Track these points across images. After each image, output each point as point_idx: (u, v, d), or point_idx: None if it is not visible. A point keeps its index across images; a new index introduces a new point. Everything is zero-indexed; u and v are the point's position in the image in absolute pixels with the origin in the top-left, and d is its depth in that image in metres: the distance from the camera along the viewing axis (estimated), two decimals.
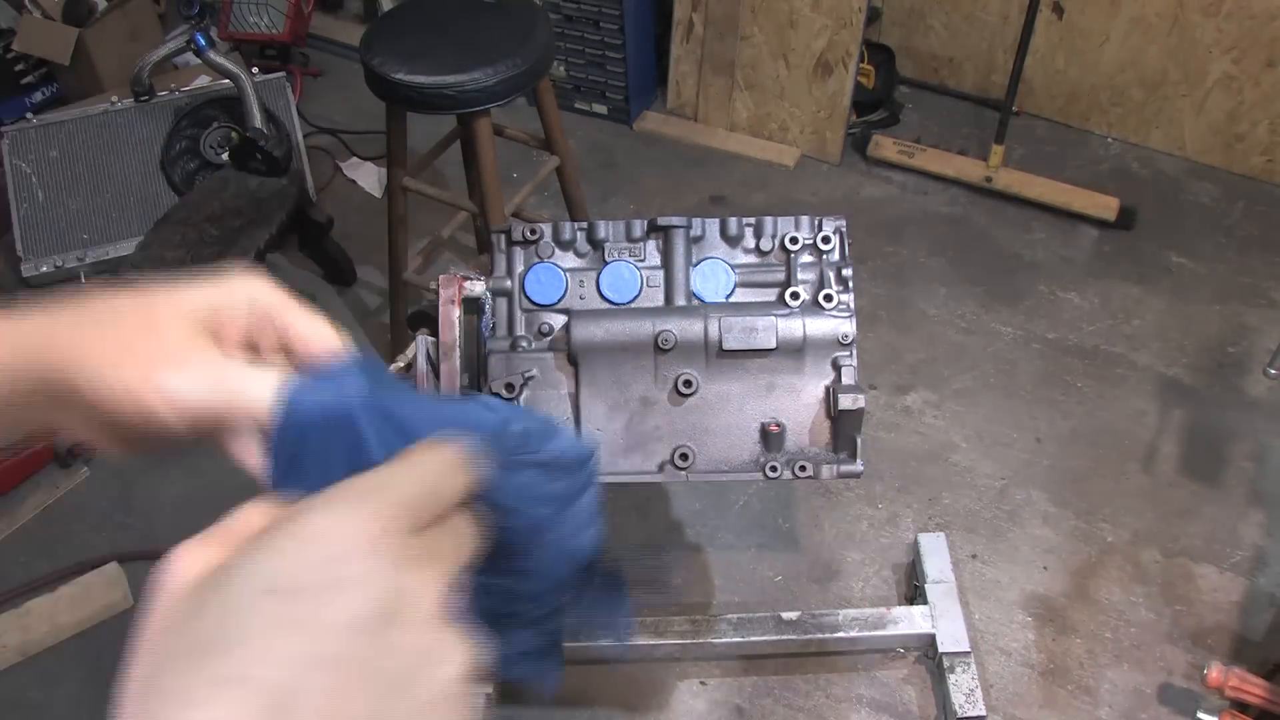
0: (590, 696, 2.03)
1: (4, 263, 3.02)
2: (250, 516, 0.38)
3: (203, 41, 2.83)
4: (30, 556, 2.33)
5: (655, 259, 1.38)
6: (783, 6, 3.03)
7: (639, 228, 1.38)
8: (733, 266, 1.37)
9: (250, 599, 0.32)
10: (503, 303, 1.37)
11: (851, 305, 1.34)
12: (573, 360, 1.33)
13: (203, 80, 3.19)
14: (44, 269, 2.93)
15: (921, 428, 2.47)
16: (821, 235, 1.36)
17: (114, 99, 3.06)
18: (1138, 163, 3.17)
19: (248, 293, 0.50)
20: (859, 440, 1.27)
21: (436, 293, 1.29)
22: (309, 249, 2.87)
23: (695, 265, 1.37)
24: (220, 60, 2.87)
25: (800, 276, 1.35)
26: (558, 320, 1.35)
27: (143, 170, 3.02)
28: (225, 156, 2.86)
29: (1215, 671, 1.74)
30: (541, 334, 1.35)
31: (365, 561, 0.33)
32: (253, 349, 0.50)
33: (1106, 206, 2.93)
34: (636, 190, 3.21)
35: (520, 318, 1.37)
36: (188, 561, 0.35)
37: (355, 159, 3.35)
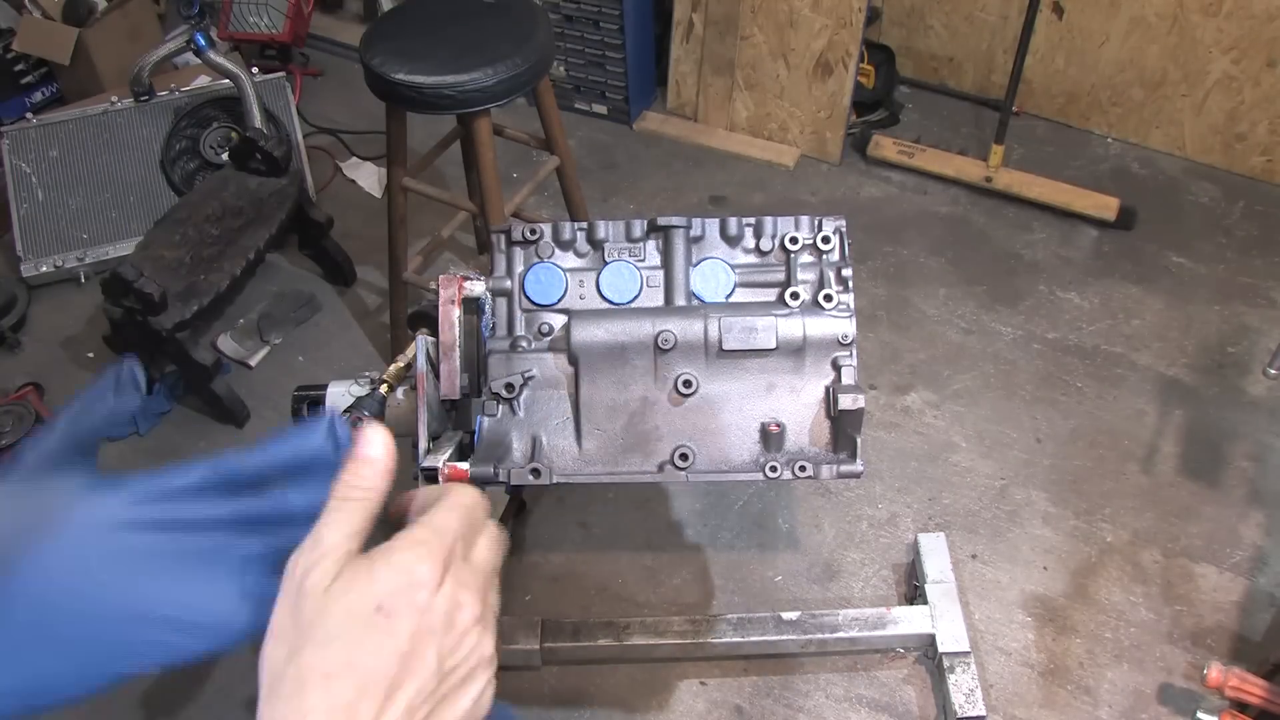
0: (590, 696, 2.03)
1: (4, 262, 3.02)
2: (350, 544, 0.53)
3: (203, 41, 2.83)
4: None
5: (655, 259, 1.38)
6: (783, 6, 3.03)
7: (639, 228, 1.38)
8: (733, 266, 1.37)
9: (363, 612, 0.49)
10: (503, 303, 1.37)
11: (851, 305, 1.34)
12: (573, 360, 1.33)
13: (203, 80, 3.19)
14: (44, 269, 2.93)
15: (921, 428, 2.47)
16: (821, 235, 1.36)
17: (114, 99, 3.06)
18: (1138, 163, 3.17)
19: None
20: (859, 440, 1.27)
21: (436, 293, 1.29)
22: (309, 249, 2.87)
23: (695, 265, 1.37)
24: (220, 60, 2.87)
25: (800, 276, 1.35)
26: (558, 320, 1.35)
27: (143, 170, 3.02)
28: (225, 156, 2.85)
29: (1215, 671, 1.74)
30: (541, 334, 1.35)
31: (433, 589, 0.51)
32: None
33: (1106, 206, 2.93)
34: (636, 190, 3.21)
35: (520, 318, 1.36)
36: (321, 572, 0.50)
37: (355, 159, 3.35)
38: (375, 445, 0.56)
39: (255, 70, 3.02)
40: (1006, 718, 1.96)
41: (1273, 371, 1.91)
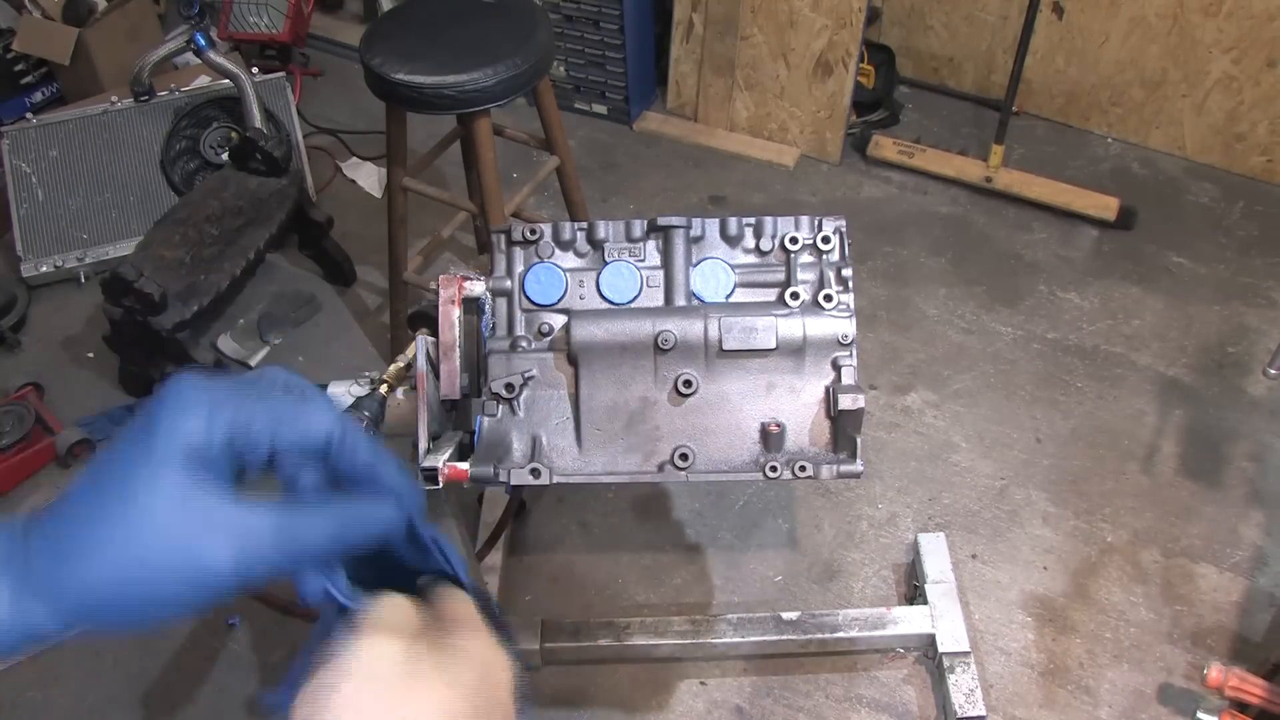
0: (590, 696, 2.03)
1: (4, 262, 3.02)
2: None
3: (203, 41, 2.83)
4: None
5: (655, 259, 1.38)
6: (783, 6, 3.03)
7: (639, 228, 1.38)
8: (733, 266, 1.37)
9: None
10: (503, 303, 1.37)
11: (851, 305, 1.34)
12: (573, 360, 1.33)
13: (203, 80, 3.19)
14: (44, 269, 2.93)
15: (921, 428, 2.47)
16: (821, 235, 1.36)
17: (114, 99, 3.06)
18: (1138, 163, 3.17)
19: None
20: (859, 440, 1.27)
21: (436, 293, 1.29)
22: (309, 249, 2.87)
23: (695, 265, 1.37)
24: (220, 60, 2.87)
25: (800, 276, 1.35)
26: (558, 320, 1.35)
27: (143, 170, 3.02)
28: (225, 156, 2.85)
29: (1215, 671, 1.74)
30: (541, 334, 1.35)
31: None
32: None
33: (1106, 206, 2.93)
34: (636, 190, 3.21)
35: (520, 318, 1.36)
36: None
37: (355, 159, 3.35)
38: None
39: (255, 70, 3.02)
40: (1006, 718, 1.96)
41: (1273, 371, 1.91)
